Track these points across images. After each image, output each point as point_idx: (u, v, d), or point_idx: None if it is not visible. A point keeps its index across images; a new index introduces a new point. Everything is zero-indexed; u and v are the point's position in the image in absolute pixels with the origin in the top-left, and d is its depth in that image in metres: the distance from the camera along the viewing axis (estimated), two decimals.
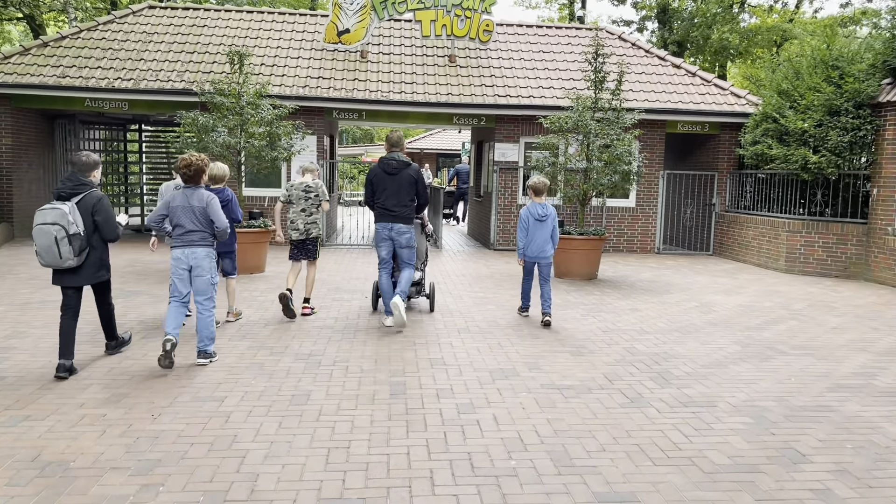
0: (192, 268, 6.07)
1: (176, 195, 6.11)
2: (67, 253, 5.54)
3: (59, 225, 5.49)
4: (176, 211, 6.05)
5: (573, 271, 11.52)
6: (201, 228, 6.08)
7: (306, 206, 8.16)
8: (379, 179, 7.65)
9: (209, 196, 6.11)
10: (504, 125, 15.30)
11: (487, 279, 11.40)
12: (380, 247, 7.81)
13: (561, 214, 15.30)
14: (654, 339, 7.54)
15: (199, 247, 6.08)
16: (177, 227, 6.09)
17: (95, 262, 5.80)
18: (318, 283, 10.39)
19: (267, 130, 11.04)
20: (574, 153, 11.62)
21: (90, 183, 5.78)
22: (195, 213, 6.03)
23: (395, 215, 7.64)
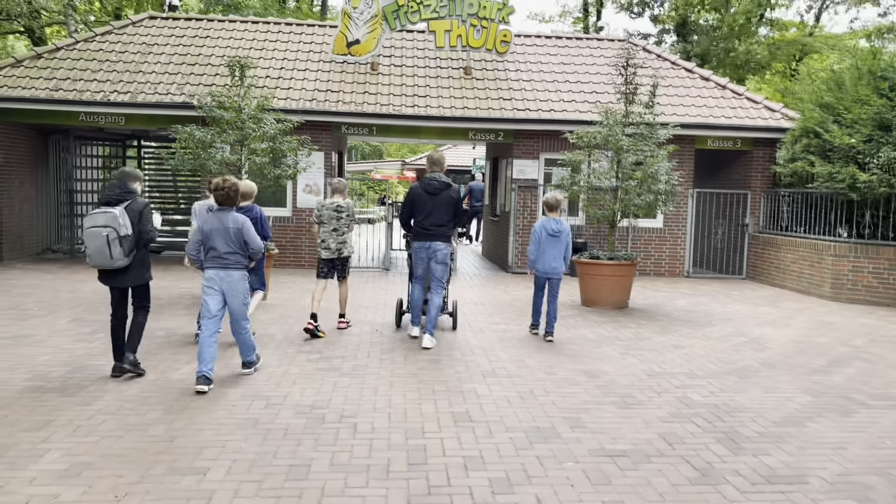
0: (225, 291, 6.15)
1: (209, 218, 6.19)
2: (118, 254, 5.89)
3: (111, 227, 5.84)
4: (210, 233, 6.11)
5: (602, 299, 10.55)
6: (236, 250, 6.16)
7: (338, 226, 8.23)
8: (420, 199, 7.81)
9: (243, 218, 6.23)
10: (523, 141, 14.40)
11: (508, 308, 10.44)
12: (416, 265, 8.00)
13: (583, 235, 14.36)
14: (708, 386, 6.56)
15: (233, 269, 6.17)
16: (210, 250, 6.13)
17: (141, 263, 6.18)
18: (324, 313, 9.46)
19: (270, 146, 10.17)
20: (602, 170, 10.68)
21: (134, 191, 6.17)
22: (230, 234, 6.11)
23: (434, 234, 7.82)
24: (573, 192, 10.82)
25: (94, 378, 6.23)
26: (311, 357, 7.21)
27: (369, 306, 10.20)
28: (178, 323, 8.64)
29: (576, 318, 9.79)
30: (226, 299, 6.18)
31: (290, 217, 14.17)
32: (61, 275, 12.41)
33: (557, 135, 14.24)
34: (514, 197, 14.38)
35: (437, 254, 7.84)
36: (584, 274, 10.69)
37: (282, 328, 8.52)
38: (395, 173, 43.95)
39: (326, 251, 8.23)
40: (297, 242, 14.19)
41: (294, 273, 13.55)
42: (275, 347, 7.55)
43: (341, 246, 8.25)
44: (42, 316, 8.84)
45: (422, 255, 7.91)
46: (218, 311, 6.16)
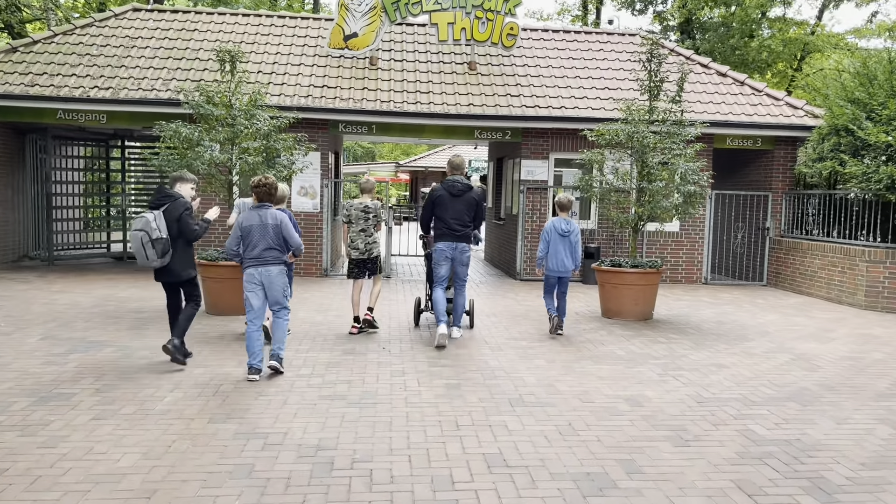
0: (265, 285, 6.38)
1: (248, 215, 6.40)
2: (153, 255, 6.42)
3: (144, 231, 6.36)
4: (250, 230, 6.33)
5: (625, 310, 9.72)
6: (274, 246, 6.35)
7: (366, 227, 8.31)
8: (442, 201, 7.96)
9: (282, 215, 6.44)
10: (532, 140, 13.56)
11: (524, 320, 9.59)
12: (440, 265, 8.06)
13: (595, 240, 13.54)
14: (770, 416, 5.72)
15: (272, 265, 6.37)
16: (250, 247, 6.34)
17: (182, 261, 6.70)
18: (322, 331, 8.60)
19: (263, 144, 9.28)
20: (623, 170, 9.85)
21: (175, 195, 6.67)
22: (269, 231, 6.32)
23: (459, 235, 7.97)
24: (593, 194, 9.97)
25: (62, 411, 5.34)
26: (312, 382, 6.33)
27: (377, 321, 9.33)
28: (159, 342, 7.74)
29: (599, 331, 8.95)
30: (266, 293, 6.41)
31: None
32: (37, 284, 11.47)
33: (569, 133, 13.44)
34: (521, 199, 13.54)
35: (462, 255, 8.04)
36: (605, 283, 9.87)
37: None
38: (388, 175, 43.07)
39: (356, 251, 8.30)
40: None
41: None
42: (272, 371, 6.68)
43: (371, 246, 8.34)
44: (9, 333, 7.92)
45: (447, 254, 8.02)
46: (260, 307, 6.43)
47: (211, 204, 12.97)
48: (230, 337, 8.03)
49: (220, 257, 9.23)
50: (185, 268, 6.74)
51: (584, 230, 13.70)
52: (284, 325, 6.58)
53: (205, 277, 9.33)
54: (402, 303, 10.76)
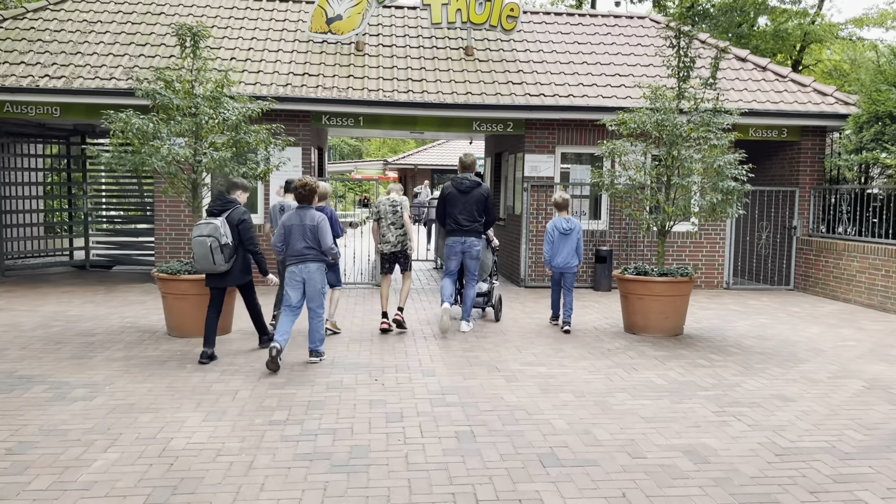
0: (304, 281, 6.70)
1: (290, 215, 6.76)
2: (220, 260, 6.69)
3: (213, 237, 6.62)
4: (291, 229, 6.69)
5: (652, 325, 8.44)
6: (313, 245, 6.68)
7: (395, 220, 8.39)
8: (452, 197, 8.32)
9: (320, 217, 6.75)
10: (536, 132, 12.27)
11: (537, 337, 8.30)
12: (450, 259, 8.43)
13: (607, 242, 12.27)
14: (878, 476, 4.45)
15: (311, 262, 6.71)
16: (291, 245, 6.70)
17: (240, 267, 6.99)
18: (303, 355, 7.28)
19: (232, 137, 7.93)
20: (649, 165, 8.58)
21: (234, 201, 6.97)
22: (307, 231, 6.66)
23: (467, 230, 8.27)
24: (615, 192, 8.68)
25: None
26: (287, 432, 5.00)
27: (362, 339, 8.00)
28: (105, 374, 6.38)
29: (627, 351, 7.67)
30: (304, 289, 6.74)
31: (261, 224, 11.91)
32: None
33: (577, 125, 12.17)
34: (525, 198, 12.25)
35: (471, 249, 8.30)
36: (628, 294, 8.59)
37: (247, 379, 6.30)
38: (376, 173, 41.72)
39: (387, 245, 8.39)
40: (271, 253, 11.93)
41: (270, 288, 11.30)
42: (237, 413, 5.34)
43: (402, 238, 8.37)
44: None
45: (456, 249, 8.33)
46: (298, 302, 6.79)
47: (181, 208, 11.61)
48: (191, 370, 6.68)
49: (182, 270, 7.88)
50: (244, 273, 7.10)
51: (594, 231, 12.43)
52: (320, 324, 6.88)
53: (165, 294, 7.98)
54: None
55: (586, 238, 12.34)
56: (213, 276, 6.96)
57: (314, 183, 6.84)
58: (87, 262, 13.68)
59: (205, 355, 6.80)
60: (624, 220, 12.42)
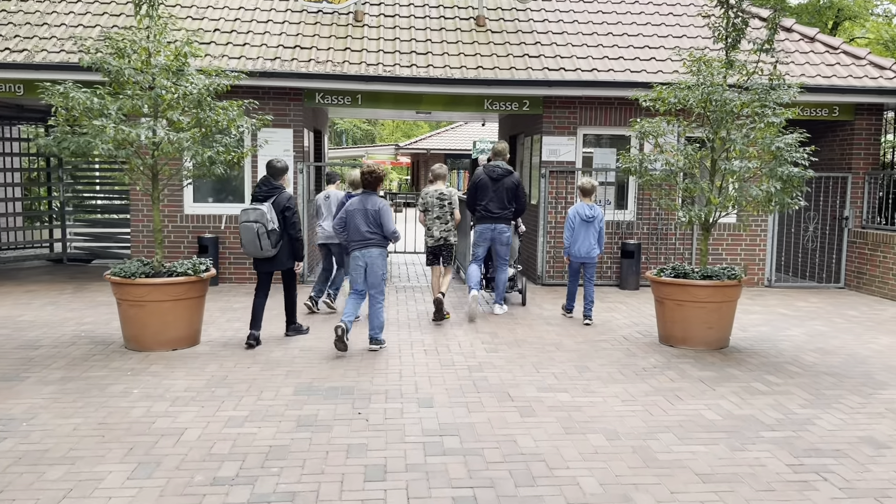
0: (367, 265, 6.78)
1: (353, 200, 6.92)
2: (267, 245, 6.75)
3: (260, 223, 6.66)
4: (353, 215, 6.79)
5: (694, 336, 7.16)
6: (375, 230, 6.76)
7: (441, 214, 8.28)
8: (483, 185, 8.40)
9: (382, 202, 6.82)
10: (556, 111, 10.94)
11: (557, 351, 7.04)
12: (479, 245, 8.54)
13: (634, 235, 10.97)
14: None
15: (373, 247, 6.79)
16: (353, 231, 6.80)
17: (287, 252, 7.04)
18: (277, 377, 6.06)
19: (196, 115, 6.69)
20: (687, 147, 7.25)
21: (281, 186, 6.99)
22: (369, 216, 6.74)
23: (497, 217, 8.38)
24: (649, 179, 7.37)
25: None
26: (232, 497, 3.79)
27: (349, 354, 6.77)
28: (26, 408, 5.20)
29: (666, 371, 6.40)
30: (366, 273, 6.78)
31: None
32: None
33: (602, 102, 10.84)
34: (543, 186, 10.95)
35: (501, 236, 8.44)
36: (665, 299, 7.30)
37: (201, 411, 5.10)
38: (388, 159, 40.46)
39: (431, 238, 8.36)
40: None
41: None
42: (175, 465, 4.14)
43: (445, 234, 8.29)
44: None
45: (486, 235, 8.47)
46: (362, 285, 6.85)
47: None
48: (137, 397, 5.48)
49: (139, 272, 6.69)
50: (289, 257, 7.06)
51: (620, 223, 11.11)
52: (381, 311, 6.91)
53: (120, 301, 6.80)
54: (401, 332, 8.20)
55: (610, 230, 11.04)
56: (261, 261, 6.97)
57: (381, 170, 6.91)
58: (65, 256, 12.55)
59: (252, 337, 6.93)
60: (654, 210, 11.09)
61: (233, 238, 10.67)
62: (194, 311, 6.92)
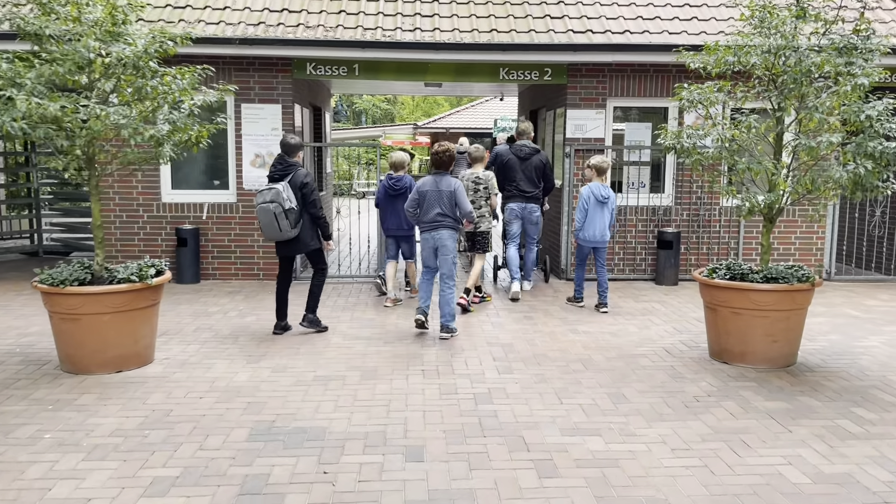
0: (437, 248, 6.63)
1: (425, 181, 6.69)
2: (286, 226, 6.32)
3: (276, 202, 6.25)
4: (425, 195, 6.61)
5: (753, 351, 5.81)
6: (447, 212, 6.58)
7: (475, 199, 7.91)
8: (511, 164, 8.47)
9: (456, 182, 6.63)
10: (582, 80, 9.53)
11: (586, 369, 5.72)
12: (511, 223, 8.55)
13: (674, 222, 9.58)
14: None
15: (444, 228, 6.61)
16: (423, 212, 6.63)
17: (310, 232, 6.58)
18: (234, 413, 4.83)
19: (132, 82, 5.40)
20: (749, 119, 5.83)
21: (296, 164, 6.52)
22: (443, 197, 6.56)
23: (530, 196, 8.46)
24: (698, 159, 5.98)
25: None
26: None
27: (330, 376, 5.52)
28: None
29: (724, 400, 5.06)
30: (436, 256, 6.66)
31: (233, 204, 9.48)
32: None
33: (636, 70, 9.42)
34: (567, 166, 9.56)
35: (531, 215, 8.48)
36: (718, 306, 5.94)
37: (122, 466, 3.88)
38: (406, 138, 39.10)
39: None
40: (246, 241, 9.52)
41: (244, 287, 8.91)
42: None
43: (479, 220, 7.90)
44: None
45: (517, 213, 8.48)
46: (434, 264, 6.76)
47: (132, 182, 9.28)
48: (48, 445, 4.28)
49: (72, 278, 5.47)
50: (312, 237, 6.64)
51: (655, 209, 9.71)
52: (452, 297, 6.63)
53: (51, 313, 5.60)
54: (407, 346, 6.94)
55: (645, 217, 9.67)
56: (282, 245, 6.60)
57: (452, 148, 6.75)
58: (40, 248, 11.44)
59: (278, 327, 6.78)
60: (695, 193, 9.68)
61: (216, 229, 9.45)
62: (142, 324, 5.70)
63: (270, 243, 9.46)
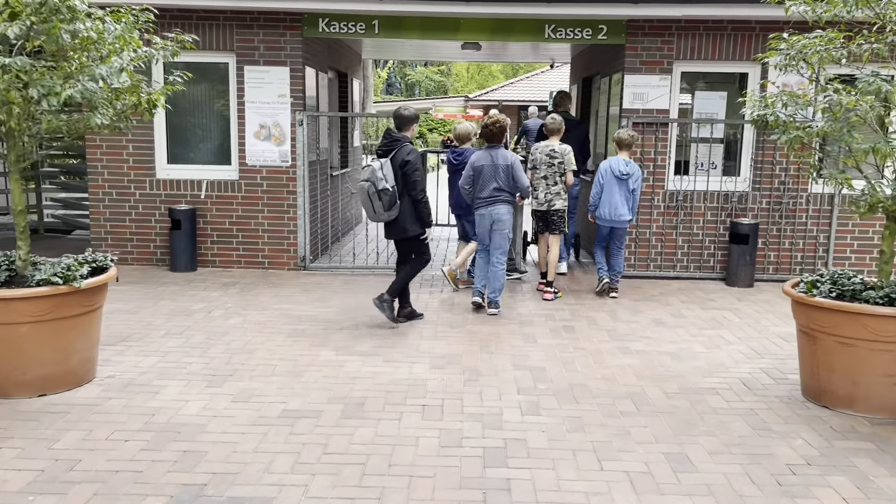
0: (493, 222, 6.39)
1: (480, 155, 6.45)
2: (379, 208, 5.79)
3: (370, 181, 5.75)
4: (481, 170, 6.38)
5: (867, 395, 4.33)
6: (502, 187, 6.36)
7: (549, 174, 7.22)
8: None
9: (513, 156, 6.42)
10: (644, 39, 7.99)
11: (637, 414, 4.35)
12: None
13: (749, 212, 8.04)
14: None
15: (501, 203, 6.39)
16: (479, 187, 6.40)
17: (409, 216, 5.92)
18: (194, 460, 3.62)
19: (41, 24, 4.16)
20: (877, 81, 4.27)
21: (402, 138, 5.91)
22: (499, 171, 6.35)
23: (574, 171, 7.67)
24: (799, 137, 4.46)
25: None
26: None
27: (306, 412, 4.28)
28: None
29: (831, 472, 3.63)
30: (492, 231, 6.41)
31: (235, 181, 8.30)
32: None
33: (710, 29, 7.84)
34: None
35: (572, 189, 7.79)
36: (819, 332, 4.46)
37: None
38: (457, 111, 37.62)
39: (535, 202, 7.34)
40: (249, 224, 8.35)
41: (244, 277, 7.76)
42: None
43: (553, 197, 7.21)
44: None
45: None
46: (489, 244, 6.54)
47: (123, 155, 8.21)
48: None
49: None
50: (413, 222, 5.97)
51: (727, 195, 8.15)
52: (502, 273, 6.48)
53: None
54: (418, 366, 5.66)
55: (716, 204, 8.14)
56: (386, 227, 6.09)
57: (504, 121, 6.50)
58: (41, 226, 10.52)
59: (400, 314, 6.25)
60: (777, 177, 8.08)
61: (215, 210, 8.30)
62: (76, 335, 4.54)
63: (275, 228, 8.31)
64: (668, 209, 8.20)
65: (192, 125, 8.37)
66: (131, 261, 8.37)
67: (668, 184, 8.20)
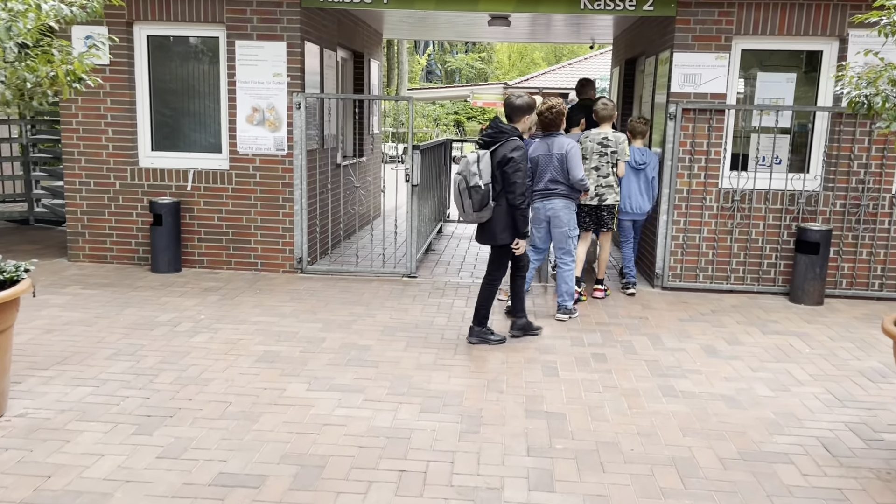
0: (549, 219, 5.94)
1: (538, 145, 5.94)
2: (468, 206, 5.08)
3: (462, 175, 5.09)
4: (537, 160, 5.90)
5: None
6: (559, 179, 5.85)
7: (600, 164, 6.48)
8: None
9: (570, 143, 5.84)
10: (698, 10, 6.78)
11: (681, 485, 3.24)
12: None
13: (820, 214, 6.79)
14: None
15: (557, 197, 5.88)
16: (536, 179, 5.90)
17: (503, 221, 5.12)
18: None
19: None
20: None
21: (510, 131, 5.16)
22: (554, 161, 5.83)
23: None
24: None
25: None
26: None
27: (300, 453, 3.28)
28: None
29: None
30: (549, 229, 5.97)
31: (225, 172, 7.35)
32: None
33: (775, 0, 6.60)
34: (672, 131, 6.88)
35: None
36: None
37: None
38: (496, 99, 36.40)
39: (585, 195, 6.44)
40: (241, 220, 7.39)
41: (231, 280, 6.81)
42: None
43: (604, 190, 6.48)
44: None
45: None
46: (543, 243, 6.12)
47: (101, 141, 7.33)
48: None
49: None
50: (504, 228, 5.12)
51: (793, 195, 6.91)
52: (570, 275, 5.97)
53: None
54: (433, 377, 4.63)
55: (779, 206, 6.92)
56: (479, 230, 5.28)
57: (561, 105, 5.82)
58: (31, 216, 9.75)
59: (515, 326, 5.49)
60: (856, 174, 6.81)
61: (203, 204, 7.37)
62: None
63: (269, 225, 7.36)
64: (723, 211, 7.00)
65: (178, 108, 7.45)
66: (111, 259, 7.50)
67: (722, 181, 7.00)
